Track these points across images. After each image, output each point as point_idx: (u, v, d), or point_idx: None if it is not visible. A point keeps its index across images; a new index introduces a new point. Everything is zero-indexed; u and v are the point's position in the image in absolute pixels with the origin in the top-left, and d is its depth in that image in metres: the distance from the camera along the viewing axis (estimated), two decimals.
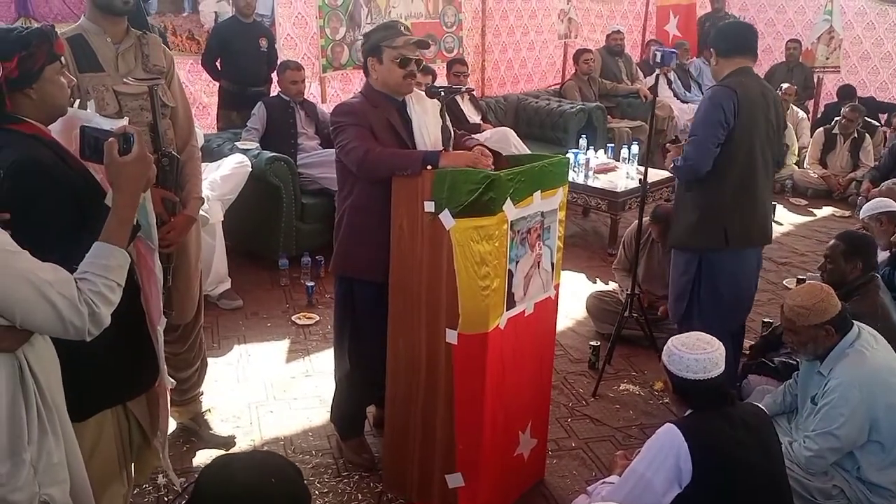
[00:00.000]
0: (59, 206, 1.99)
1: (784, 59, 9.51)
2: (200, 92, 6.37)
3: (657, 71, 3.95)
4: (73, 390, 1.98)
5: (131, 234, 1.97)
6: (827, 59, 9.15)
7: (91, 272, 1.74)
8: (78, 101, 2.65)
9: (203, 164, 4.84)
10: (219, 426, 3.46)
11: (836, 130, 7.86)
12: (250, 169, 4.89)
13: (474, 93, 7.70)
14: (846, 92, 8.77)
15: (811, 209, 7.42)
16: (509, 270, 2.76)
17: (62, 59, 2.08)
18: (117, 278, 1.78)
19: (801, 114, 8.65)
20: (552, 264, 3.02)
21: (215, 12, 6.24)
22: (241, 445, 3.40)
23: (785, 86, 8.38)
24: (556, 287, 3.10)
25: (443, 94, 2.99)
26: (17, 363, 1.71)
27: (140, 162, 1.86)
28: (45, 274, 1.66)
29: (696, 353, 2.44)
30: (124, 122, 2.20)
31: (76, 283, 1.71)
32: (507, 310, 2.80)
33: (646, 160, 4.26)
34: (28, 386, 1.71)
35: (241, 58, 5.99)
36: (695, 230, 3.47)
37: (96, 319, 1.72)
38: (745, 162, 3.41)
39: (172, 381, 2.42)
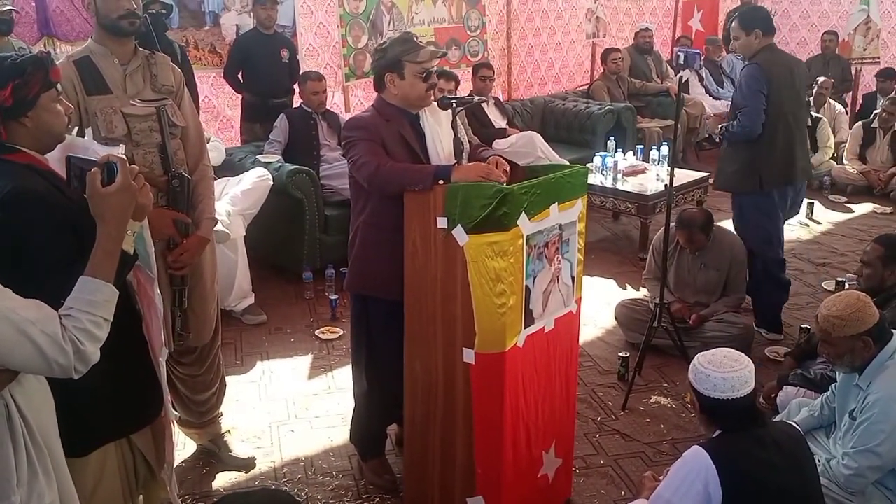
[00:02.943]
0: (54, 237, 1.95)
1: (820, 52, 9.27)
2: (223, 105, 6.36)
3: (681, 73, 3.81)
4: (73, 425, 1.94)
5: (130, 264, 1.92)
6: (864, 50, 8.87)
7: (76, 308, 1.68)
8: (77, 128, 2.61)
9: (224, 179, 4.86)
10: (239, 447, 3.40)
11: (875, 124, 7.60)
12: (271, 182, 4.85)
13: (500, 97, 7.61)
14: (887, 73, 8.47)
15: (850, 206, 7.19)
16: (526, 287, 2.66)
17: (58, 86, 2.04)
18: (104, 313, 1.72)
19: (839, 107, 8.40)
20: (572, 278, 2.91)
21: (236, 25, 6.22)
22: (261, 467, 3.34)
23: (821, 79, 8.14)
24: (578, 301, 3.00)
25: (455, 105, 2.90)
26: (4, 403, 1.65)
27: (124, 192, 1.80)
28: (27, 312, 1.61)
29: (724, 371, 2.32)
30: (119, 149, 2.15)
31: (60, 319, 1.65)
32: (525, 327, 2.70)
33: (671, 162, 4.14)
34: (16, 427, 1.66)
35: (263, 70, 5.97)
36: (737, 177, 4.37)
37: (82, 357, 1.66)
38: (774, 123, 4.21)
39: (176, 412, 2.37)
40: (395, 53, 2.88)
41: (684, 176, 6.06)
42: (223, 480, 3.27)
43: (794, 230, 6.54)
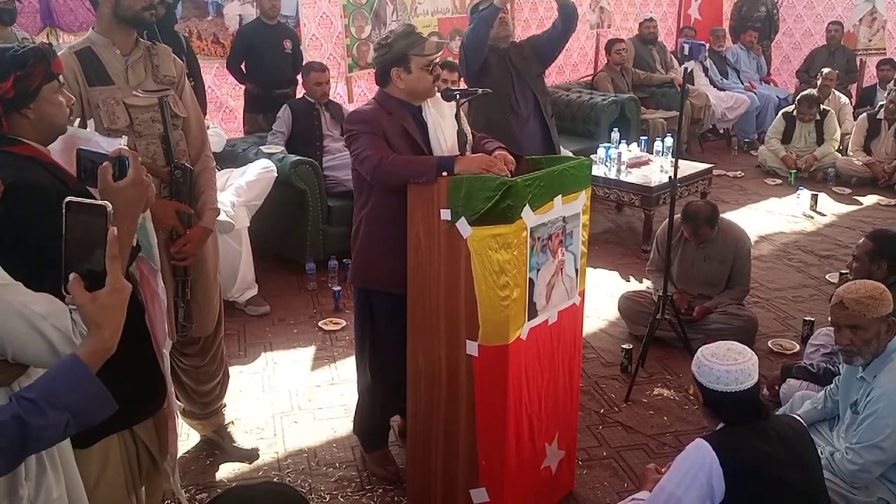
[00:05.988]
0: (57, 230, 1.93)
1: (825, 42, 9.22)
2: (226, 96, 6.35)
3: (686, 64, 3.79)
4: None
5: (132, 256, 1.92)
6: (870, 41, 8.84)
7: None
8: (78, 120, 2.60)
9: (228, 170, 4.86)
10: (242, 438, 3.41)
11: (880, 115, 7.56)
12: (275, 174, 4.84)
13: None
14: (888, 62, 8.44)
15: (855, 198, 7.17)
16: (530, 279, 2.66)
17: (60, 77, 2.03)
18: None
19: (844, 99, 8.37)
20: (576, 270, 2.91)
21: (239, 15, 6.21)
22: (265, 458, 3.35)
23: (826, 70, 8.10)
24: (582, 293, 3.00)
25: (459, 96, 2.89)
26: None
27: (136, 186, 1.79)
28: (39, 306, 1.60)
29: (727, 363, 2.32)
30: (122, 141, 2.14)
31: (71, 314, 1.65)
32: (528, 320, 2.70)
33: (675, 153, 4.13)
34: None
35: (266, 60, 5.95)
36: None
37: None
38: None
39: (180, 403, 2.37)
40: (400, 48, 2.85)
41: (688, 167, 6.04)
42: (226, 471, 3.27)
43: (799, 222, 6.53)
